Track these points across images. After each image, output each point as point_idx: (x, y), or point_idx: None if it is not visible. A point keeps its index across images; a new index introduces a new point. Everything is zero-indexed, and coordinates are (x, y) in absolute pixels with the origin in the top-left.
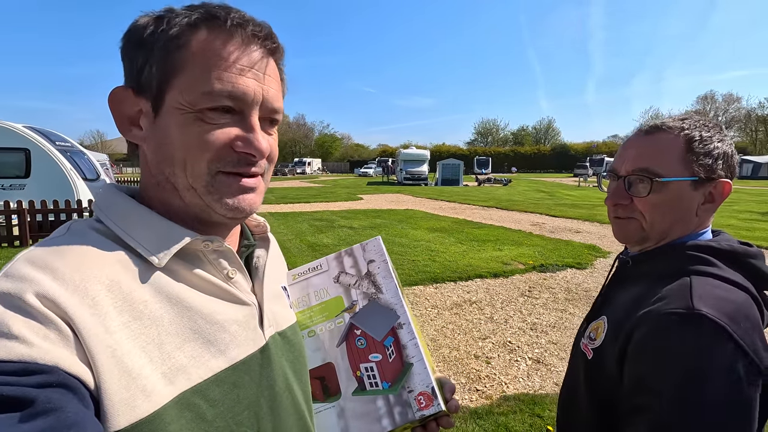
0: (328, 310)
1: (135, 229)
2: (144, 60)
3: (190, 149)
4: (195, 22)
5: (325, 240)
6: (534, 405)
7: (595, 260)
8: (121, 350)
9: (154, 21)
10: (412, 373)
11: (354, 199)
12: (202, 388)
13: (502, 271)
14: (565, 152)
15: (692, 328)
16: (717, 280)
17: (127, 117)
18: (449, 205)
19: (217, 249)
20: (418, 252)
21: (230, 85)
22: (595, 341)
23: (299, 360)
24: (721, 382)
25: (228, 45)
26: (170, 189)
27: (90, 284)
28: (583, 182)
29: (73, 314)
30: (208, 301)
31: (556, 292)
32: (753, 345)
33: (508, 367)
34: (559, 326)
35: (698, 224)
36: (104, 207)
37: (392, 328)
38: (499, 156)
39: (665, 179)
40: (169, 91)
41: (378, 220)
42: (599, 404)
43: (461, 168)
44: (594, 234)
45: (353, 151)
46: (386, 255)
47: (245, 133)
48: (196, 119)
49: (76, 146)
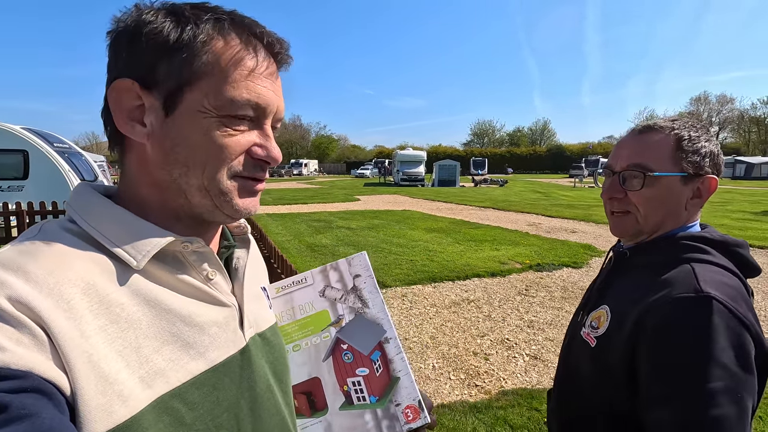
0: (314, 324)
1: (111, 231)
2: (159, 56)
3: (212, 153)
4: (227, 29)
5: (323, 240)
6: (532, 399)
7: (591, 259)
8: (98, 355)
9: (171, 19)
10: (399, 386)
11: (351, 200)
12: (181, 392)
13: (500, 271)
14: (560, 153)
15: (703, 308)
16: (715, 266)
17: (127, 111)
18: (446, 205)
19: (197, 250)
20: (417, 252)
21: (256, 96)
22: (598, 330)
23: (279, 361)
24: (736, 354)
25: (254, 56)
26: (173, 189)
27: (65, 287)
28: (579, 183)
29: (47, 318)
30: (188, 303)
31: (552, 291)
32: (753, 323)
33: (506, 363)
34: (555, 323)
35: (687, 218)
36: (78, 207)
37: (379, 342)
38: (495, 157)
39: (657, 174)
40: (191, 92)
41: (376, 221)
42: (606, 391)
43: (458, 169)
44: (589, 234)
45: (350, 153)
46: (371, 270)
47: (263, 141)
48: (220, 124)
49: (74, 148)
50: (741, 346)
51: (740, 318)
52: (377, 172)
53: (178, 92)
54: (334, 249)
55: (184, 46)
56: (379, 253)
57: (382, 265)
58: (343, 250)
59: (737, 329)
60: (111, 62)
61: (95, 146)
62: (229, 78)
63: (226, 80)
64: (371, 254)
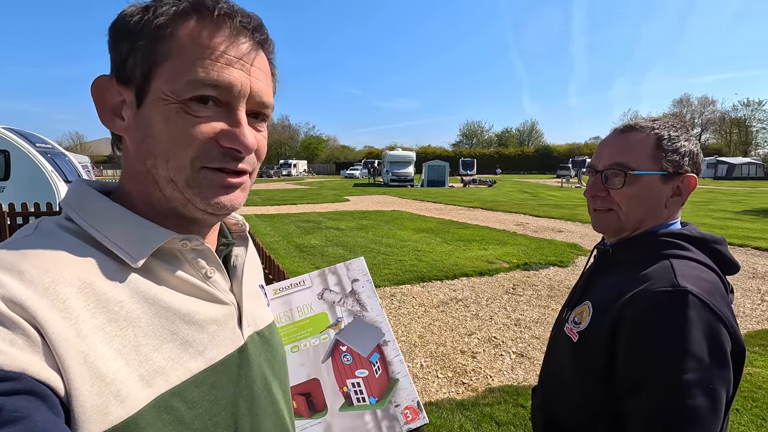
0: (313, 326)
1: (109, 228)
2: (129, 49)
3: (173, 142)
4: (183, 11)
5: (312, 241)
6: (518, 396)
7: (577, 258)
8: (94, 355)
9: (141, 10)
10: (398, 388)
11: (341, 201)
12: (181, 390)
13: (487, 270)
14: (548, 154)
15: (680, 302)
16: (693, 262)
17: (110, 107)
18: (435, 206)
19: (196, 248)
20: (405, 252)
21: (215, 74)
22: (580, 325)
23: (277, 359)
24: (709, 346)
25: (215, 35)
26: (150, 181)
27: (60, 286)
28: (566, 183)
29: (41, 318)
30: (187, 301)
31: (539, 289)
32: (728, 317)
33: (493, 361)
34: (542, 322)
35: (668, 215)
36: (75, 204)
37: (378, 344)
38: (484, 157)
39: (637, 172)
40: (154, 81)
41: (365, 221)
42: (588, 385)
43: (447, 169)
44: (576, 233)
45: (339, 153)
46: (369, 275)
47: (231, 127)
48: (180, 110)
49: (57, 148)
50: (715, 339)
51: (715, 312)
52: (367, 172)
53: (144, 82)
54: (322, 249)
55: (143, 33)
56: (368, 253)
57: (371, 266)
58: (332, 251)
59: (712, 322)
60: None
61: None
62: (188, 60)
63: (185, 63)
64: (360, 254)
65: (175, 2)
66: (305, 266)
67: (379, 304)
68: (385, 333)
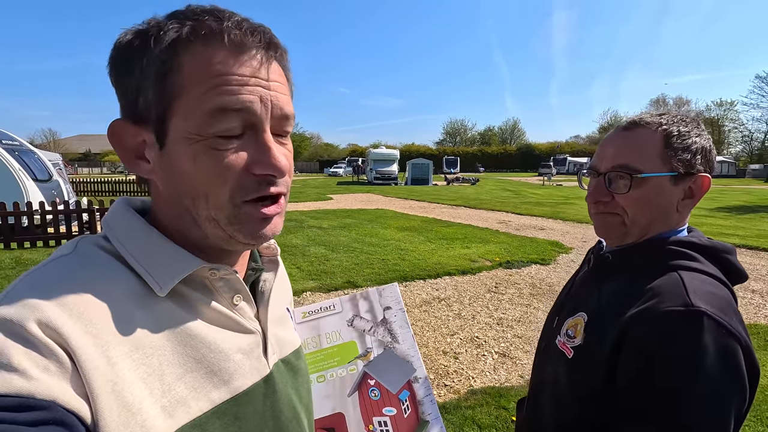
0: (340, 355)
1: (140, 253)
2: (136, 87)
3: (209, 181)
4: (186, 37)
5: (294, 240)
6: (500, 397)
7: (558, 256)
8: (122, 383)
9: (140, 40)
10: (428, 431)
11: (324, 199)
12: (202, 422)
13: (470, 269)
14: (530, 152)
15: (694, 325)
16: (703, 275)
17: (132, 150)
18: (419, 204)
19: (224, 276)
20: (388, 251)
21: (234, 98)
22: (574, 339)
23: (304, 387)
24: (726, 371)
25: (227, 60)
26: (190, 221)
27: (94, 311)
28: (548, 181)
29: (74, 344)
30: (212, 329)
31: (521, 288)
32: (743, 336)
33: (476, 361)
34: (524, 320)
35: (678, 220)
36: (113, 224)
37: (408, 381)
38: (467, 156)
39: (644, 175)
40: (172, 119)
41: (348, 220)
42: (584, 403)
43: (431, 167)
44: (557, 231)
45: (323, 151)
46: (402, 303)
47: (261, 154)
48: (208, 148)
49: (26, 145)
50: (733, 362)
51: (732, 332)
52: (351, 170)
53: (161, 121)
54: (304, 249)
55: (148, 69)
56: (350, 252)
57: (354, 265)
58: (314, 250)
59: (729, 345)
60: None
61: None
62: (203, 90)
63: (199, 93)
64: (342, 254)
65: (176, 26)
66: (286, 266)
67: (411, 336)
68: (417, 368)
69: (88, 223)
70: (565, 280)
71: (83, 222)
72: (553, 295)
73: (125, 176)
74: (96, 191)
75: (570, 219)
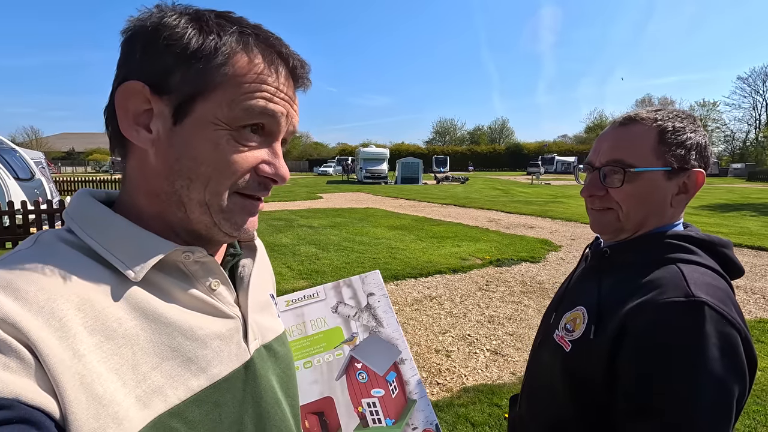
0: (326, 341)
1: (109, 241)
2: (173, 63)
3: (219, 168)
4: (251, 44)
5: (283, 240)
6: (492, 395)
7: (548, 254)
8: (91, 375)
9: (195, 26)
10: (415, 409)
11: (314, 198)
12: (181, 410)
13: (461, 267)
14: (518, 151)
15: (696, 315)
16: (702, 267)
17: (135, 115)
18: (409, 203)
19: (199, 260)
20: (379, 250)
21: (271, 112)
22: (573, 333)
23: (287, 373)
24: (728, 362)
25: (277, 77)
26: (174, 201)
27: (57, 303)
28: (536, 180)
29: (35, 339)
30: (189, 315)
31: (511, 286)
32: (743, 327)
33: (468, 359)
34: (515, 318)
35: (673, 215)
36: (75, 215)
37: (394, 363)
38: (456, 155)
39: (638, 169)
40: (203, 102)
41: (338, 219)
42: (582, 398)
43: (420, 166)
44: (546, 229)
45: (312, 150)
46: (385, 289)
47: (272, 158)
48: (231, 138)
49: (6, 143)
50: (734, 352)
51: (732, 323)
52: (340, 169)
53: (191, 101)
54: (294, 248)
55: (204, 56)
56: (341, 251)
57: (345, 264)
58: (304, 249)
59: (731, 335)
60: (122, 61)
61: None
62: (247, 92)
63: (243, 94)
64: (333, 253)
65: (239, 31)
66: (275, 265)
67: (395, 320)
68: (402, 351)
69: None
70: (554, 277)
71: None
72: (543, 292)
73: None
74: None
75: (558, 217)
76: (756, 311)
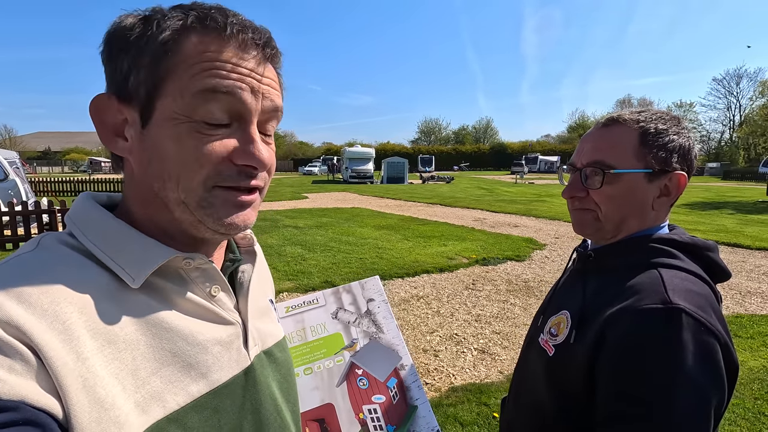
0: (327, 347)
1: (110, 246)
2: (130, 65)
3: (186, 164)
4: (190, 25)
5: (269, 240)
6: (480, 394)
7: (533, 252)
8: (94, 379)
9: (142, 22)
10: (417, 415)
11: (299, 198)
12: (179, 416)
13: (447, 266)
14: (503, 151)
15: (672, 323)
16: (683, 272)
17: (111, 127)
18: (395, 202)
19: (200, 266)
20: (366, 250)
21: (224, 82)
22: (557, 337)
23: (287, 379)
24: (705, 369)
25: (225, 50)
26: (159, 205)
27: (60, 306)
28: (520, 179)
29: (40, 341)
30: (189, 321)
31: (497, 284)
32: (722, 333)
33: (455, 358)
34: (501, 316)
35: (656, 218)
36: (77, 219)
37: (395, 369)
38: (442, 154)
39: (617, 171)
40: (160, 99)
41: (324, 219)
42: (562, 402)
43: (406, 166)
44: (531, 228)
45: (297, 149)
46: (385, 295)
47: (244, 144)
48: (192, 130)
49: None
50: (712, 361)
51: (710, 329)
52: (326, 169)
53: (150, 101)
54: (280, 249)
55: (146, 49)
56: (327, 252)
57: (331, 264)
58: (290, 250)
59: (708, 343)
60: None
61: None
62: (197, 75)
63: (194, 75)
64: (319, 253)
65: (181, 15)
66: None
67: (396, 326)
68: (402, 356)
69: (49, 224)
70: (539, 275)
71: (43, 223)
72: (528, 290)
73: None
74: (57, 191)
75: (543, 216)
76: (733, 306)
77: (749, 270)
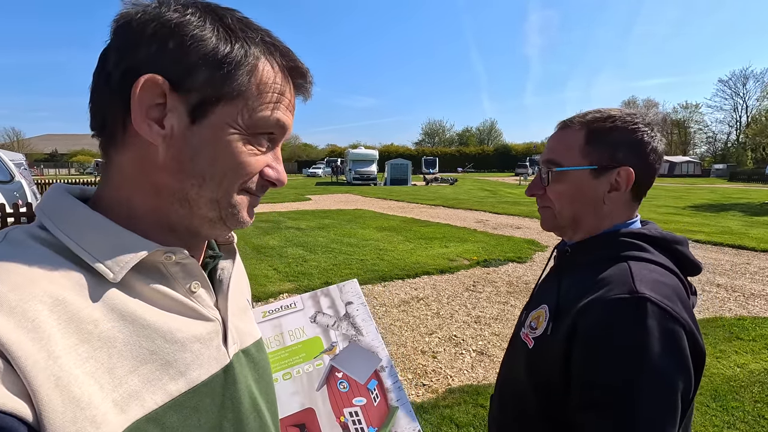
0: (305, 351)
1: (86, 239)
2: (199, 64)
3: (233, 168)
4: (272, 54)
5: (271, 242)
6: (477, 395)
7: (534, 254)
8: (67, 377)
9: (222, 31)
10: (398, 416)
11: (302, 200)
12: (158, 415)
13: (448, 267)
14: (507, 153)
15: (638, 311)
16: (652, 264)
17: (148, 108)
18: (398, 204)
19: (180, 261)
20: (367, 251)
21: (286, 119)
22: (536, 330)
23: (264, 378)
24: (670, 354)
25: (290, 87)
26: (177, 199)
27: (29, 304)
28: (524, 181)
29: (6, 341)
30: (168, 318)
31: (498, 286)
32: (687, 321)
33: (454, 360)
34: (501, 318)
35: (612, 211)
36: (50, 211)
37: (375, 370)
38: (445, 156)
39: (560, 168)
40: (225, 106)
41: (326, 221)
42: (541, 393)
43: (409, 168)
44: (533, 229)
45: (301, 151)
46: (363, 297)
47: (276, 163)
48: (245, 142)
49: None
50: (678, 348)
51: (675, 317)
52: (330, 171)
53: (213, 103)
54: (281, 250)
55: (232, 63)
56: (328, 253)
57: (332, 266)
58: (292, 251)
59: (674, 331)
60: (125, 49)
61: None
62: (267, 103)
63: (263, 104)
64: (320, 255)
65: (264, 41)
66: (262, 268)
67: (375, 328)
68: (382, 358)
69: None
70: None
71: None
72: (529, 292)
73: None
74: None
75: None
76: (736, 309)
77: (753, 272)
